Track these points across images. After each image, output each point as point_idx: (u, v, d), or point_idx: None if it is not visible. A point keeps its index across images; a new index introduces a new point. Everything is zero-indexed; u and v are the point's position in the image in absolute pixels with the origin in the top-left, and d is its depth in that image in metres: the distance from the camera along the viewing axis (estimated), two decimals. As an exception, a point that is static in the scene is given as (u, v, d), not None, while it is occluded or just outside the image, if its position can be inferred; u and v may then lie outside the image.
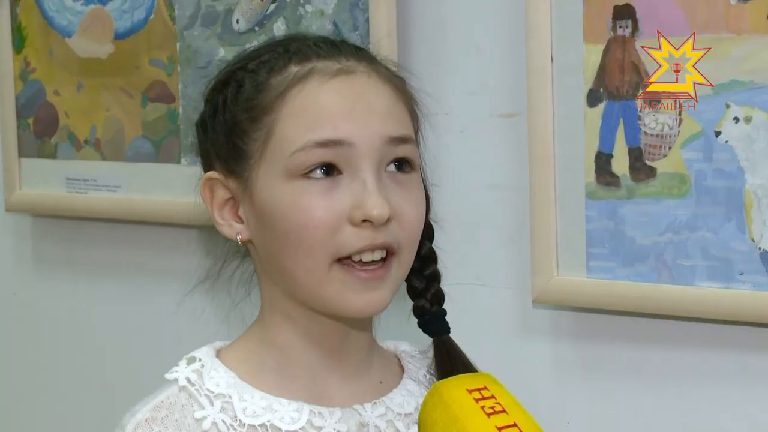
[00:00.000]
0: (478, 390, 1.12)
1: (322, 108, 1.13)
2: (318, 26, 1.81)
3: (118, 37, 2.06)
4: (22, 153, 2.20)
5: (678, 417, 1.62)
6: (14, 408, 2.34)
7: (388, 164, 1.15)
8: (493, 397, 1.11)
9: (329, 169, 1.12)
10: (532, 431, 1.09)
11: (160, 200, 2.02)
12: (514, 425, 1.09)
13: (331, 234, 1.12)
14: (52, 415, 2.28)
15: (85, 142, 2.11)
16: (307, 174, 1.12)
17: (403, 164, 1.16)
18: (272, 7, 1.86)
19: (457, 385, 1.13)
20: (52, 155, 2.16)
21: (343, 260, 1.13)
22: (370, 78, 1.17)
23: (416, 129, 1.21)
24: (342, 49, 1.18)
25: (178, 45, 1.98)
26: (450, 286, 1.75)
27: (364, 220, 1.11)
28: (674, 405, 1.62)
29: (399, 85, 1.19)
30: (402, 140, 1.15)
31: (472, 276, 1.75)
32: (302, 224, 1.12)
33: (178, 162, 2.00)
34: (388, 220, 1.12)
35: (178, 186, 1.87)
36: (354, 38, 1.77)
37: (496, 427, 1.08)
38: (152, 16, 2.01)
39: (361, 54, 1.19)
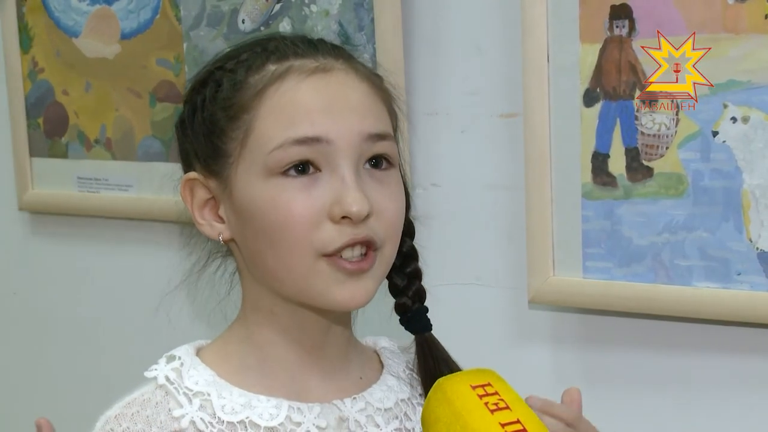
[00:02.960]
0: (482, 386, 1.11)
1: (299, 105, 1.14)
2: (323, 26, 1.81)
3: (125, 37, 2.07)
4: (33, 152, 2.21)
5: (675, 417, 1.61)
6: (14, 408, 2.35)
7: (366, 162, 1.15)
8: (496, 393, 1.10)
9: (305, 168, 1.13)
10: (535, 428, 1.09)
11: (172, 199, 2.02)
12: (518, 422, 1.08)
13: (312, 229, 1.12)
14: (52, 414, 2.28)
15: (96, 141, 2.13)
16: (285, 172, 1.13)
17: (380, 161, 1.16)
18: (277, 7, 1.86)
19: (460, 381, 1.12)
20: (63, 155, 2.17)
21: (328, 256, 1.13)
22: (347, 75, 1.17)
23: (394, 126, 1.21)
24: (319, 48, 1.18)
25: (184, 45, 1.99)
26: (447, 285, 1.75)
27: (344, 217, 1.12)
28: (671, 405, 1.61)
29: (377, 82, 1.20)
30: (380, 137, 1.15)
31: (468, 276, 1.75)
32: (282, 221, 1.12)
33: (189, 161, 2.00)
34: (368, 216, 1.12)
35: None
36: (359, 38, 1.77)
37: (500, 423, 1.08)
38: (158, 16, 2.02)
39: (339, 52, 1.19)
